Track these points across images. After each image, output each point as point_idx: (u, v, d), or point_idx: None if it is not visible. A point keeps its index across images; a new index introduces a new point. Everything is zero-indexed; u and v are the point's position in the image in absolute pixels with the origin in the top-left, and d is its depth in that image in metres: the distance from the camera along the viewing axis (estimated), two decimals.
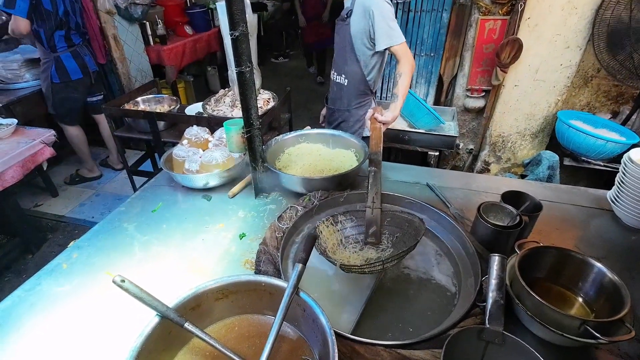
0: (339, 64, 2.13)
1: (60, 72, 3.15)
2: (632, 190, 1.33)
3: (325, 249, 1.14)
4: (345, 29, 1.99)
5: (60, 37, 3.06)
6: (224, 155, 1.64)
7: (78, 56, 3.22)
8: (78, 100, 3.38)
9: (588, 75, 2.93)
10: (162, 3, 4.56)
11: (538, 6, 2.69)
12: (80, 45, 3.24)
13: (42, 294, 1.15)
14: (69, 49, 3.15)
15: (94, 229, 1.42)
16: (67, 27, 3.07)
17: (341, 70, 2.13)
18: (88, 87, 3.41)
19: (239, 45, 1.22)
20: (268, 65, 7.51)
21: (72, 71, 3.19)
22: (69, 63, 3.16)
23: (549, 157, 2.81)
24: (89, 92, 3.48)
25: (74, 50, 3.18)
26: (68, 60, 3.15)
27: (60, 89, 3.22)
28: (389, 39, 1.89)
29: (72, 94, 3.30)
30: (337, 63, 2.16)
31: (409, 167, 1.82)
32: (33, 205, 3.53)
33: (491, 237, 1.18)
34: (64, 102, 3.30)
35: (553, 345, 0.95)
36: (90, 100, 3.54)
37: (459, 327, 0.93)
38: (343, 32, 2.02)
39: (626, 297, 0.92)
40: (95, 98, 3.57)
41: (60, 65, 3.13)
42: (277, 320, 0.81)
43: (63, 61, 3.13)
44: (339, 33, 2.06)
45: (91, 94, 3.52)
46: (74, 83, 3.25)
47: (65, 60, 3.14)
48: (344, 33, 2.01)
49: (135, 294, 0.80)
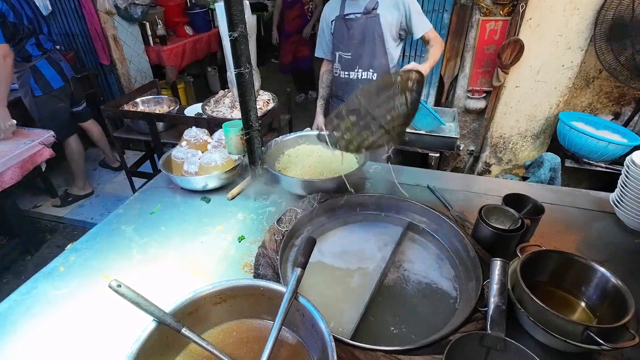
0: (366, 58, 2.07)
1: (41, 83, 2.93)
2: (635, 192, 1.32)
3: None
4: (372, 22, 1.97)
5: (32, 45, 2.84)
6: (223, 157, 1.63)
7: (53, 62, 3.00)
8: (65, 109, 3.18)
9: (590, 76, 2.91)
10: (162, 3, 4.55)
11: (539, 7, 2.68)
12: (52, 50, 3.03)
13: (39, 297, 1.13)
14: (43, 56, 2.92)
15: (91, 231, 1.41)
16: (35, 34, 2.84)
17: (369, 65, 2.08)
18: (69, 95, 3.21)
19: (238, 46, 1.21)
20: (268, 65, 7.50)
21: (52, 79, 2.98)
22: (47, 70, 2.94)
23: (550, 159, 2.80)
24: (72, 101, 3.27)
25: (48, 57, 2.96)
26: (45, 67, 2.93)
27: (45, 102, 2.99)
28: (424, 26, 1.97)
29: (57, 105, 3.08)
30: (362, 58, 2.08)
31: (409, 169, 1.81)
32: (32, 207, 3.52)
33: (493, 241, 1.17)
34: (54, 116, 3.07)
35: (555, 351, 0.93)
36: (76, 109, 3.36)
37: (460, 333, 0.92)
38: (370, 25, 1.98)
39: (630, 303, 0.91)
40: (80, 107, 3.40)
41: (39, 74, 2.91)
42: (276, 325, 0.80)
43: (40, 69, 2.91)
44: (361, 27, 2.01)
45: (74, 104, 3.32)
46: (57, 92, 3.03)
47: (42, 68, 2.92)
48: (371, 26, 1.98)
49: (131, 299, 0.79)
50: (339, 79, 2.23)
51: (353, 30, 2.03)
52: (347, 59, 2.12)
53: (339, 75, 2.21)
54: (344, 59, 2.13)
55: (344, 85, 2.20)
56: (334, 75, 2.25)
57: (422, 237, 1.36)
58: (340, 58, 2.16)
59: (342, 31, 2.08)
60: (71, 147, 3.33)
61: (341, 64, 2.16)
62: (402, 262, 1.26)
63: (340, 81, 2.22)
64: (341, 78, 2.20)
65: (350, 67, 2.13)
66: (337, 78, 2.24)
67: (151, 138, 2.76)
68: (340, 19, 2.06)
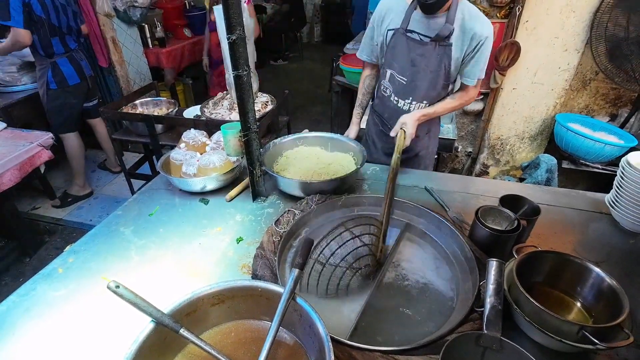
0: (423, 90, 1.74)
1: (58, 78, 3.09)
2: (630, 193, 1.33)
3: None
4: (442, 51, 1.63)
5: (57, 43, 3.02)
6: (222, 159, 1.63)
7: (74, 61, 3.16)
8: (75, 106, 3.32)
9: (586, 78, 2.93)
10: (161, 6, 4.57)
11: (536, 9, 2.69)
12: (75, 50, 3.19)
13: (38, 298, 1.14)
14: (65, 54, 3.10)
15: (90, 233, 1.41)
16: (60, 32, 3.02)
17: (425, 97, 1.76)
18: (85, 92, 3.36)
19: (236, 48, 1.22)
20: (267, 67, 7.52)
21: (69, 76, 3.14)
22: (66, 68, 3.11)
23: (547, 160, 2.81)
24: (86, 97, 3.42)
25: (70, 55, 3.13)
26: (65, 65, 3.10)
27: (56, 96, 3.16)
28: (482, 72, 1.70)
29: (69, 100, 3.24)
30: (418, 89, 1.74)
31: (407, 170, 1.82)
32: (31, 209, 3.52)
33: (489, 242, 1.18)
34: (62, 110, 3.23)
35: (551, 351, 0.94)
36: (87, 105, 3.48)
37: (456, 333, 0.93)
38: (439, 55, 1.64)
39: (625, 303, 0.92)
40: (92, 103, 3.52)
41: (57, 70, 3.07)
42: (274, 325, 0.81)
43: (60, 66, 3.07)
44: (427, 54, 1.65)
45: (87, 99, 3.46)
46: (71, 88, 3.19)
47: (62, 65, 3.08)
48: (440, 56, 1.64)
49: (129, 300, 0.79)
50: (387, 101, 1.87)
51: (416, 54, 1.67)
52: (401, 84, 1.77)
53: (389, 97, 1.85)
54: (397, 81, 1.77)
55: (392, 110, 1.85)
56: (382, 93, 1.88)
57: (420, 238, 1.37)
58: (392, 78, 1.79)
59: (401, 50, 1.69)
60: (70, 143, 3.38)
61: (393, 86, 1.81)
62: (400, 263, 1.27)
63: (389, 104, 1.87)
64: (391, 101, 1.85)
65: (403, 95, 1.79)
66: (385, 98, 1.88)
67: (150, 140, 2.76)
68: (402, 34, 1.66)
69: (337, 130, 2.12)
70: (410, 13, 1.63)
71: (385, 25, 1.72)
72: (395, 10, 1.68)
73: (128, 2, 3.77)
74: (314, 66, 7.55)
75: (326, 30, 9.05)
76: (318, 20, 9.04)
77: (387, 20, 1.71)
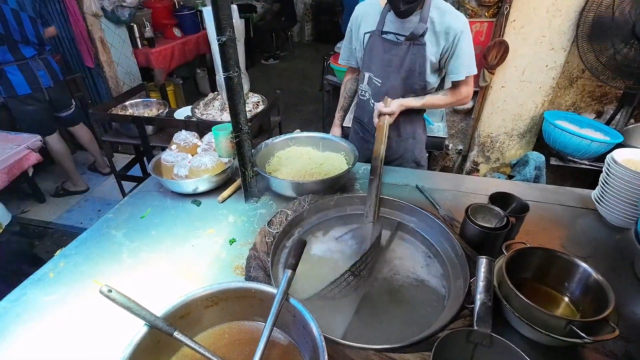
0: (399, 90, 1.74)
1: (5, 87, 2.99)
2: (616, 189, 1.36)
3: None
4: (416, 51, 1.63)
5: (4, 52, 2.89)
6: (213, 160, 1.63)
7: (27, 70, 3.01)
8: (34, 113, 3.17)
9: (573, 76, 2.98)
10: (150, 5, 4.52)
11: (523, 8, 2.73)
12: (33, 59, 3.03)
13: (29, 304, 1.13)
14: (16, 62, 2.95)
15: (81, 237, 1.40)
16: (10, 40, 2.87)
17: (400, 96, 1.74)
18: (43, 102, 3.20)
19: (226, 50, 1.22)
20: (258, 67, 7.50)
21: (17, 85, 3.00)
22: (15, 77, 2.97)
23: (535, 157, 2.85)
24: (53, 108, 3.31)
25: (23, 64, 2.98)
26: (13, 73, 2.96)
27: (13, 104, 3.09)
28: (469, 68, 1.69)
29: (24, 108, 3.13)
30: (394, 89, 1.74)
31: (398, 169, 1.83)
32: (19, 212, 3.46)
33: (479, 239, 1.20)
34: (24, 117, 3.16)
35: (541, 345, 0.96)
36: (60, 115, 3.40)
37: (448, 330, 0.94)
38: (413, 54, 1.64)
39: (610, 297, 0.94)
40: (65, 113, 3.43)
41: (5, 79, 2.95)
42: (267, 326, 0.81)
43: (7, 74, 2.95)
44: (401, 54, 1.66)
45: (58, 109, 3.36)
46: (22, 97, 3.06)
47: (9, 73, 2.95)
48: (414, 55, 1.64)
49: (122, 304, 0.79)
50: (367, 104, 1.87)
51: (391, 55, 1.68)
52: (377, 86, 1.77)
53: (368, 100, 1.86)
54: (374, 84, 1.78)
55: (371, 114, 1.80)
56: (361, 98, 1.90)
57: (412, 237, 1.38)
58: (369, 81, 1.79)
59: (377, 51, 1.71)
60: (51, 146, 3.33)
61: (371, 89, 1.81)
62: (392, 261, 1.28)
63: (368, 108, 1.87)
64: (369, 105, 1.85)
65: (378, 98, 1.78)
66: (364, 101, 1.88)
67: (140, 142, 2.74)
68: (377, 36, 1.69)
69: (329, 129, 2.12)
70: (385, 15, 1.66)
71: (362, 29, 1.75)
72: (370, 13, 1.72)
73: (116, 2, 3.72)
74: (305, 65, 7.54)
75: (317, 29, 9.05)
76: (309, 19, 9.03)
77: (363, 24, 1.74)
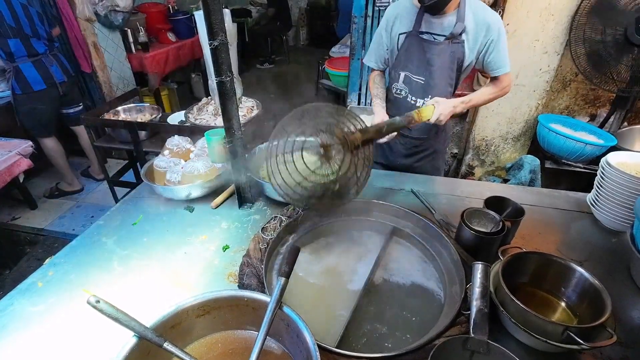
0: (441, 87, 1.75)
1: (21, 84, 2.98)
2: (610, 193, 1.36)
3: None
4: (456, 48, 1.67)
5: (17, 46, 2.89)
6: (207, 166, 1.61)
7: (41, 66, 3.02)
8: (45, 111, 3.19)
9: (566, 79, 3.00)
10: (144, 10, 4.50)
11: (517, 13, 2.75)
12: (45, 55, 3.05)
13: (15, 314, 1.10)
14: (29, 58, 2.96)
15: (71, 245, 1.37)
16: (22, 34, 2.88)
17: (439, 92, 1.74)
18: (56, 98, 3.23)
19: (218, 54, 1.20)
20: (253, 71, 7.49)
21: (33, 82, 3.01)
22: (30, 73, 2.98)
23: (530, 161, 2.86)
24: (62, 103, 3.32)
25: (37, 60, 3.00)
26: (29, 70, 2.97)
27: (23, 101, 3.06)
28: (507, 65, 1.71)
29: (36, 106, 3.11)
30: (436, 87, 1.75)
31: (393, 173, 1.83)
32: (10, 219, 3.41)
33: (475, 244, 1.19)
34: (31, 114, 3.14)
35: (538, 352, 0.95)
36: (67, 112, 3.41)
37: (444, 337, 0.93)
38: (453, 52, 1.67)
39: (607, 302, 0.93)
40: (72, 110, 3.43)
41: (21, 76, 2.95)
42: (260, 336, 0.79)
43: (23, 71, 2.95)
44: (442, 53, 1.69)
45: (66, 105, 3.37)
46: (37, 94, 3.06)
47: (25, 70, 2.96)
48: (454, 53, 1.67)
49: (110, 315, 0.77)
50: (403, 101, 1.85)
51: (431, 54, 1.70)
52: (418, 84, 1.79)
53: (405, 98, 1.84)
54: (413, 82, 1.80)
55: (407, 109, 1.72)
56: (395, 96, 1.88)
57: (407, 242, 1.37)
58: (406, 79, 1.81)
59: (414, 51, 1.74)
60: (47, 146, 3.32)
61: (409, 87, 1.82)
62: (387, 267, 1.27)
63: (405, 105, 1.84)
64: (407, 102, 1.84)
65: (422, 94, 1.80)
66: (399, 99, 1.87)
67: (133, 147, 2.72)
68: (414, 36, 1.71)
69: None
70: (421, 16, 1.69)
71: (396, 30, 1.77)
72: (403, 15, 1.75)
73: (109, 7, 3.70)
74: (300, 69, 7.54)
75: (312, 33, 9.07)
76: (304, 24, 9.04)
77: (396, 26, 1.77)
